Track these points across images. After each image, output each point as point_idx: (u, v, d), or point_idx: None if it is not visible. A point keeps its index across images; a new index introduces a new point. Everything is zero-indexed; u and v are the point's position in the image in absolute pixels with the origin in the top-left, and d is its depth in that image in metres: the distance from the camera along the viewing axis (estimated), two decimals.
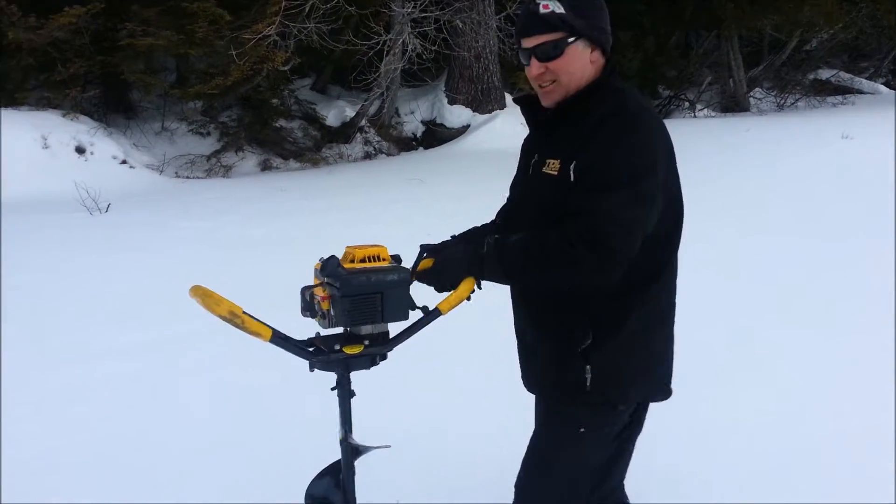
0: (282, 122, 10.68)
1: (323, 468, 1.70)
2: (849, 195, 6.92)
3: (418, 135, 11.57)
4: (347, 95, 12.08)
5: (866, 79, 18.91)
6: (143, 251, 5.67)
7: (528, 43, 1.59)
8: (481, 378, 3.33)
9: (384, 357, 1.61)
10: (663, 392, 1.71)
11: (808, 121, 11.85)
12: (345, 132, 11.06)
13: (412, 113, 11.60)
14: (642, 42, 14.23)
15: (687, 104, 14.74)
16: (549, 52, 1.56)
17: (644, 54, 14.04)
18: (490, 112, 11.34)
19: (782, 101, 15.32)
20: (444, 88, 11.58)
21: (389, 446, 1.68)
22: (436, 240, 1.86)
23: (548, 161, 1.62)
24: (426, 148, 11.34)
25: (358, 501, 1.69)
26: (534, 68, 1.59)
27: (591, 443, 1.66)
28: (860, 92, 17.45)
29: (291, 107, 10.78)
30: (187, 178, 9.30)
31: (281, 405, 3.18)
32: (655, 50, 14.66)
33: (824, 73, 17.56)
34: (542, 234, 1.51)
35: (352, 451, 1.64)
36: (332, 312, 1.51)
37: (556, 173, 1.58)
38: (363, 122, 10.96)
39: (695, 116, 14.12)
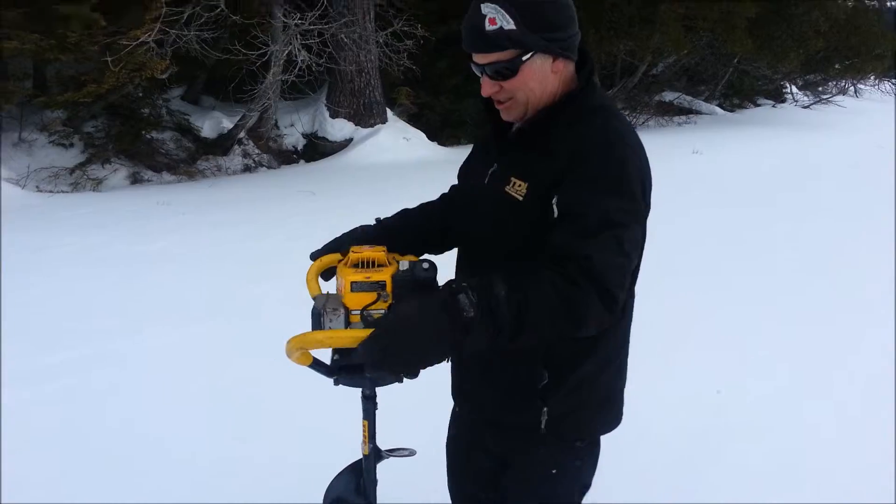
0: (153, 134, 10.13)
1: (342, 469, 1.70)
2: (704, 200, 7.83)
3: (299, 148, 11.38)
4: (222, 107, 11.66)
5: (703, 100, 20.91)
6: (28, 272, 5.21)
7: (477, 59, 1.43)
8: None
9: None
10: (614, 423, 1.65)
11: (661, 137, 12.93)
12: (222, 144, 10.66)
13: (292, 125, 11.40)
14: None
15: None
16: (502, 72, 1.41)
17: None
18: (372, 126, 11.38)
19: (634, 121, 16.54)
20: (325, 101, 11.49)
21: (415, 453, 1.71)
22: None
23: (513, 180, 1.45)
24: (308, 161, 11.18)
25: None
26: (486, 86, 1.45)
27: (561, 482, 1.61)
28: (699, 113, 19.26)
29: (163, 117, 10.24)
30: (51, 192, 8.59)
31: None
32: None
33: (668, 95, 19.22)
34: (535, 281, 1.24)
35: (375, 457, 1.64)
36: None
37: (521, 198, 1.42)
38: (242, 134, 10.64)
39: None
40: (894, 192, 8.13)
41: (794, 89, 24.76)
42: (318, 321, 1.45)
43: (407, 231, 1.73)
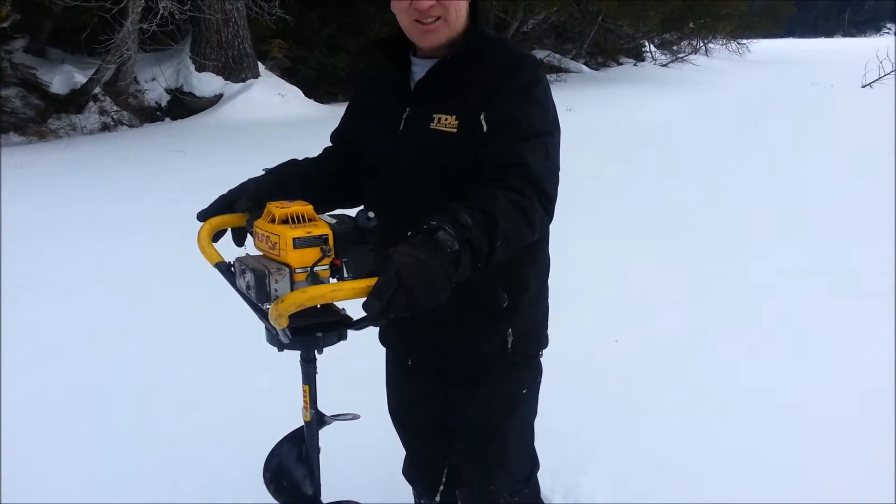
0: None
1: (281, 439, 1.58)
2: (579, 157, 8.08)
3: (163, 104, 10.60)
4: (73, 59, 10.61)
5: (571, 59, 21.57)
6: None
7: None
8: None
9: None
10: (548, 340, 1.74)
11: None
12: (75, 101, 9.72)
13: (154, 80, 10.58)
14: (386, 18, 14.52)
15: None
16: None
17: (393, 28, 14.33)
18: (244, 80, 10.79)
19: None
20: (189, 53, 10.72)
21: (359, 416, 1.63)
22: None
23: (436, 116, 1.47)
24: (174, 119, 10.46)
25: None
26: (425, 1, 1.42)
27: (531, 398, 1.73)
28: (568, 71, 19.87)
29: (6, 71, 9.18)
30: None
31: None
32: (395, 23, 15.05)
33: (538, 54, 19.65)
34: (489, 199, 1.27)
35: (318, 423, 1.54)
36: (347, 274, 1.38)
37: (454, 130, 1.45)
38: (97, 90, 9.75)
39: None
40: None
41: (653, 48, 26.08)
42: (261, 285, 1.30)
43: (300, 184, 1.61)
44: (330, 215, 1.41)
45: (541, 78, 1.48)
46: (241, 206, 1.46)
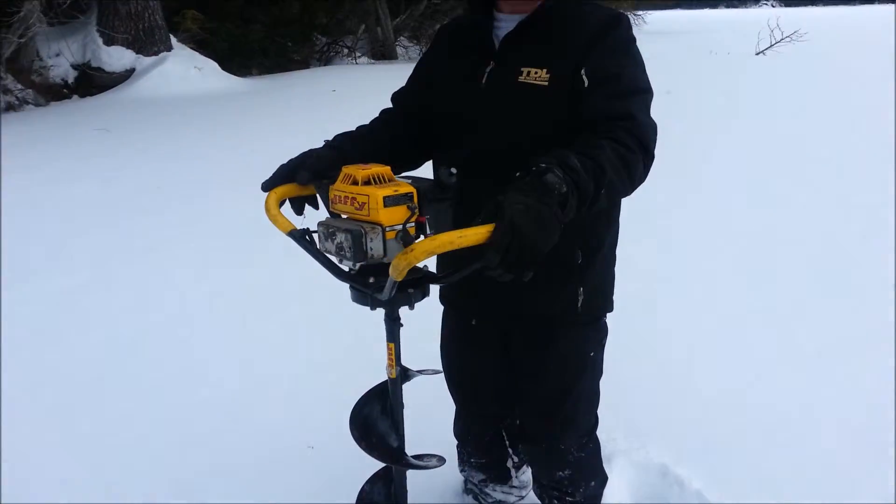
0: None
1: (365, 393, 1.64)
2: None
3: (70, 80, 9.99)
4: None
5: None
6: None
7: None
8: None
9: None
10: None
11: None
12: None
13: (59, 55, 9.93)
14: None
15: (346, 50, 15.22)
16: None
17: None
18: (156, 54, 10.31)
19: (424, 50, 16.72)
20: (97, 26, 10.11)
21: (440, 371, 1.68)
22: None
23: (524, 70, 1.47)
24: (82, 96, 9.89)
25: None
26: None
27: (598, 361, 1.74)
28: None
29: None
30: None
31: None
32: None
33: None
34: (597, 148, 1.27)
35: (402, 378, 1.59)
36: (430, 230, 1.42)
37: (545, 83, 1.45)
38: None
39: (356, 63, 14.72)
40: None
41: None
42: (358, 244, 1.34)
43: (360, 154, 1.58)
44: (401, 177, 1.44)
45: (634, 36, 1.50)
46: (301, 177, 1.46)
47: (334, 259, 1.40)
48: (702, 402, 2.66)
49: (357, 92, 10.36)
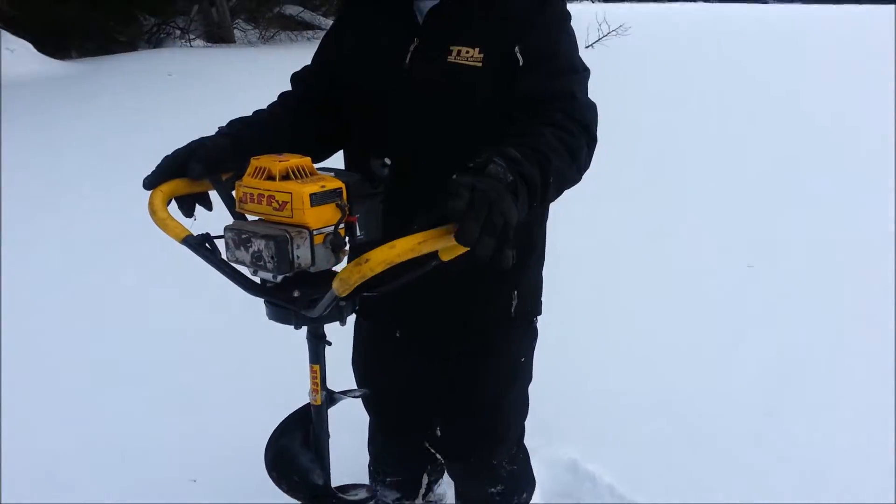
0: None
1: (281, 422, 1.43)
2: None
3: None
4: None
5: (321, 16, 21.16)
6: None
7: None
8: None
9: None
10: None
11: (302, 53, 12.80)
12: None
13: None
14: None
15: (178, 32, 14.21)
16: None
17: None
18: None
19: (266, 35, 16.05)
20: None
21: (368, 392, 1.51)
22: None
23: (454, 49, 1.33)
24: None
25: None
26: None
27: (529, 366, 1.66)
28: (321, 28, 19.50)
29: None
30: None
31: None
32: None
33: (289, 9, 18.98)
34: (536, 136, 1.16)
35: (328, 404, 1.40)
36: (360, 232, 1.23)
37: (479, 63, 1.32)
38: None
39: (190, 46, 13.76)
40: None
41: None
42: (283, 252, 1.13)
43: (260, 141, 1.39)
44: (319, 168, 1.24)
45: (569, 11, 1.40)
46: (194, 170, 1.25)
47: (244, 270, 1.20)
48: (610, 398, 2.67)
49: (195, 76, 9.70)
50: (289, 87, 1.58)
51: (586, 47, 18.26)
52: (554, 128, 1.19)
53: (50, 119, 6.99)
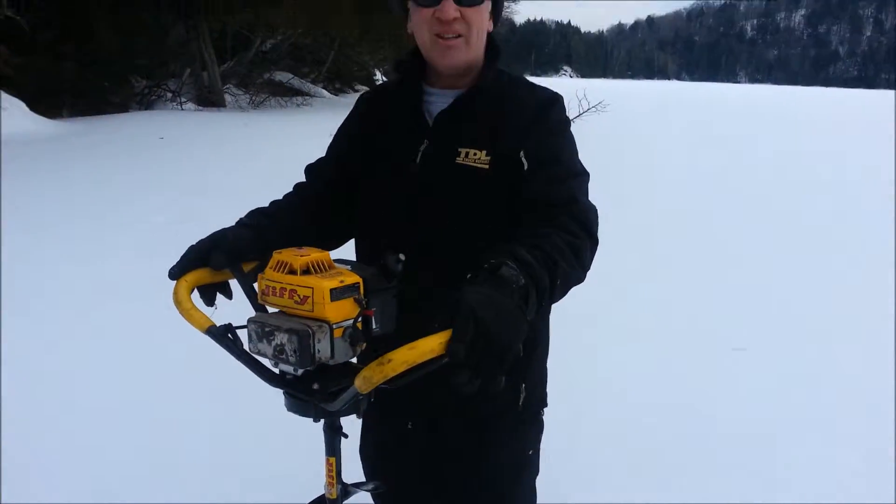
0: None
1: None
2: None
3: None
4: None
5: (310, 83, 21.65)
6: None
7: None
8: None
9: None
10: None
11: (296, 118, 13.07)
12: None
13: None
14: (117, 24, 13.26)
15: (170, 95, 14.47)
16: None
17: (122, 37, 13.11)
18: None
19: (256, 100, 16.38)
20: None
21: (383, 487, 1.53)
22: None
23: (462, 151, 1.40)
24: None
25: None
26: (450, 10, 1.36)
27: (535, 459, 1.65)
28: (311, 95, 19.92)
29: None
30: None
31: None
32: (129, 29, 13.73)
33: (280, 76, 19.42)
34: (544, 238, 1.22)
35: (343, 496, 1.41)
36: (375, 325, 1.30)
37: (486, 166, 1.38)
38: None
39: (181, 108, 14.00)
40: None
41: (382, 77, 27.24)
42: (305, 347, 1.20)
43: (279, 233, 1.46)
44: (336, 261, 1.36)
45: (568, 117, 1.47)
46: (217, 261, 1.29)
47: (265, 361, 1.28)
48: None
49: (187, 140, 9.85)
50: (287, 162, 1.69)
51: None
52: (559, 230, 1.24)
53: (41, 179, 7.04)
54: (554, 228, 1.25)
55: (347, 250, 1.50)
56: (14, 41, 10.13)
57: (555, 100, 1.45)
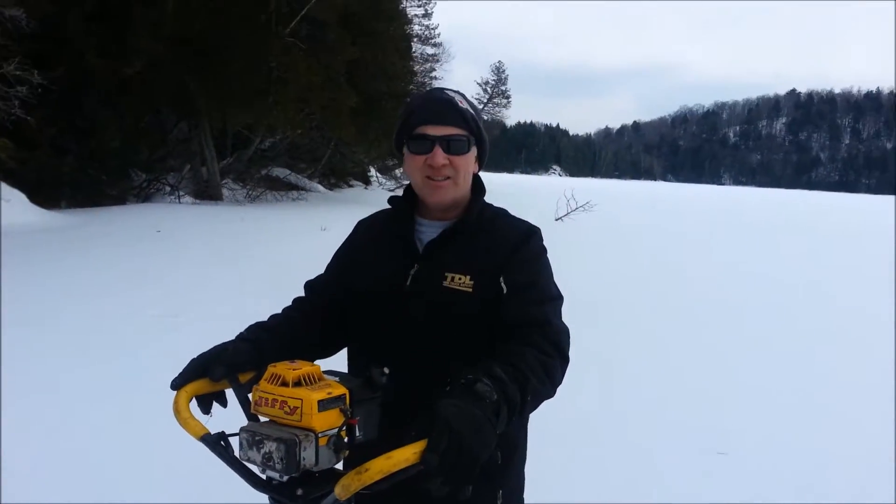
0: None
1: None
2: None
3: None
4: None
5: (307, 178, 22.24)
6: None
7: (436, 131, 1.55)
8: None
9: None
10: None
11: (289, 213, 13.34)
12: None
13: None
14: (121, 123, 13.77)
15: (168, 188, 14.81)
16: (460, 146, 1.56)
17: (125, 135, 13.59)
18: None
19: (253, 194, 16.77)
20: None
21: None
22: None
23: (450, 276, 1.54)
24: None
25: None
26: (439, 157, 1.54)
27: None
28: (307, 189, 20.45)
29: None
30: None
31: None
32: (132, 131, 14.30)
33: (277, 171, 19.99)
34: (518, 356, 1.36)
35: None
36: (359, 433, 1.38)
37: (469, 289, 1.52)
38: None
39: (179, 202, 14.30)
40: None
41: (376, 173, 28.04)
42: (292, 455, 1.28)
43: (278, 347, 1.57)
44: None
45: (545, 247, 1.61)
46: (216, 373, 1.40)
47: (253, 467, 1.34)
48: None
49: (183, 233, 10.02)
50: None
51: (556, 220, 19.29)
52: (534, 349, 1.38)
53: (38, 270, 7.14)
54: (529, 347, 1.39)
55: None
56: (18, 135, 10.47)
57: (532, 232, 1.62)
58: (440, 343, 1.55)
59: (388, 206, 1.72)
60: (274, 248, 9.17)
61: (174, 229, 10.01)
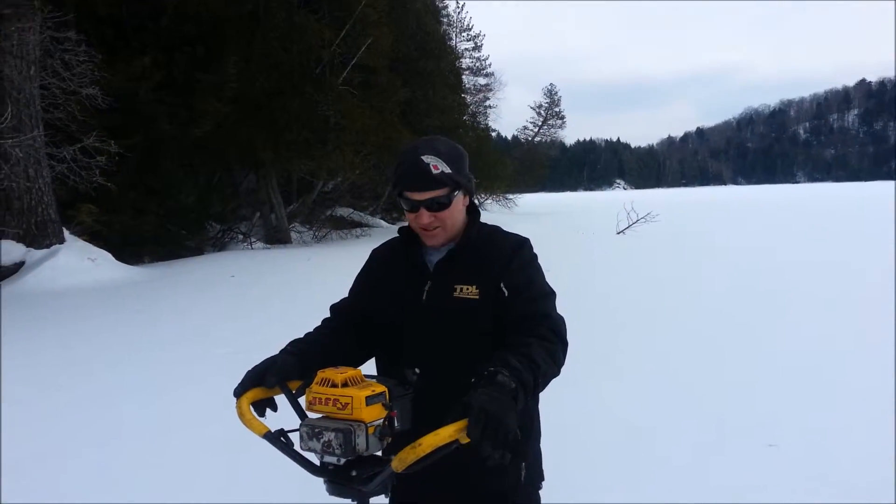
0: None
1: None
2: None
3: None
4: None
5: (369, 215, 22.88)
6: None
7: (418, 196, 1.77)
8: None
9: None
10: None
11: (354, 251, 13.75)
12: None
13: None
14: (195, 180, 14.64)
15: (241, 237, 15.58)
16: (441, 203, 1.78)
17: (199, 192, 14.45)
18: (48, 247, 10.21)
19: (319, 234, 17.40)
20: None
21: None
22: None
23: (458, 287, 1.81)
24: None
25: None
26: (424, 217, 1.78)
27: None
28: (369, 226, 21.06)
29: None
30: None
31: None
32: (206, 187, 15.20)
33: (340, 210, 20.69)
34: (527, 346, 1.60)
35: None
36: (398, 423, 1.57)
37: (476, 297, 1.79)
38: None
39: (251, 248, 15.05)
40: None
41: None
42: (349, 441, 1.48)
43: (319, 360, 1.80)
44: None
45: (536, 253, 1.90)
46: (270, 381, 1.66)
47: (311, 457, 1.53)
48: None
49: (255, 275, 10.60)
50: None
51: (617, 233, 19.23)
52: (538, 339, 1.65)
53: (124, 319, 7.77)
54: (534, 338, 1.65)
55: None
56: (101, 201, 11.35)
57: (522, 242, 1.90)
58: (457, 344, 1.85)
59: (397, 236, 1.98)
60: (333, 282, 9.51)
61: (246, 273, 10.59)
